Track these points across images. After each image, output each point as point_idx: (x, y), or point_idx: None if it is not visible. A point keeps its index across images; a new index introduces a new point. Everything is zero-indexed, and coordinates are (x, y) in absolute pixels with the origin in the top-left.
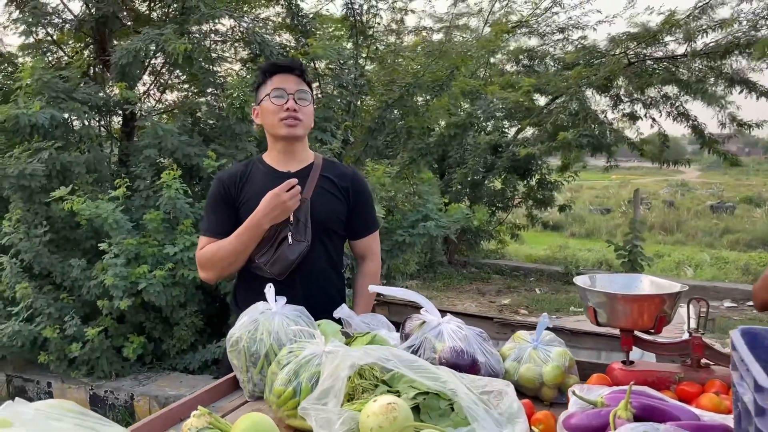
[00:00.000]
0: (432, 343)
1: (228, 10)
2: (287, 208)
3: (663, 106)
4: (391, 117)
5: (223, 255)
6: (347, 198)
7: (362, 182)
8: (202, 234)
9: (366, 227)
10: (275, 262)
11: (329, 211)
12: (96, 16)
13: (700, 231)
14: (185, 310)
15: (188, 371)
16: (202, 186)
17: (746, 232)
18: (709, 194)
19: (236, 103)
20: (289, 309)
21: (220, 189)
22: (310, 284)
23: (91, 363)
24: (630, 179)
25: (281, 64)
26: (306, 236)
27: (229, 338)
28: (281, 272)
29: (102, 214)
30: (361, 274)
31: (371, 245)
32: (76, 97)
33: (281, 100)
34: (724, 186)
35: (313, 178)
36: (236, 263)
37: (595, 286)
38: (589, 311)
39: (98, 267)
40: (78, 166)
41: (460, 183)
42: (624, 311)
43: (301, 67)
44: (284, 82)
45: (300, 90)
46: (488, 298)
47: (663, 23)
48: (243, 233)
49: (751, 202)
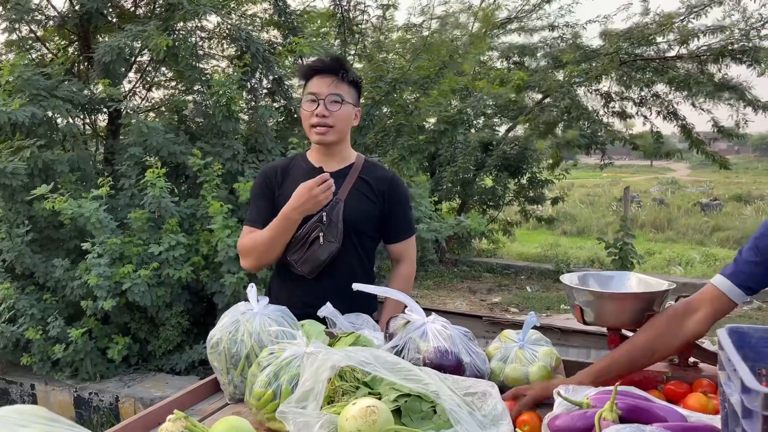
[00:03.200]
0: (416, 344)
1: (213, 6)
2: (318, 202)
3: (653, 104)
4: (380, 114)
5: (259, 245)
6: (382, 201)
7: (400, 186)
8: (245, 224)
9: (401, 231)
10: (305, 261)
11: (362, 214)
12: (80, 12)
13: (690, 229)
14: (171, 310)
15: (174, 372)
16: (188, 184)
17: (736, 230)
18: (699, 192)
19: (222, 100)
20: (272, 309)
21: (263, 181)
22: (339, 284)
23: (75, 365)
24: (621, 177)
25: (315, 67)
26: (337, 237)
27: (210, 339)
28: (311, 271)
29: (85, 213)
30: (394, 277)
31: (406, 249)
32: (58, 94)
33: (312, 105)
34: (714, 184)
35: (351, 179)
36: (271, 253)
37: (582, 285)
38: (575, 310)
39: (81, 267)
40: (61, 164)
41: (451, 181)
42: (610, 310)
43: (337, 67)
44: (318, 85)
45: (332, 94)
46: (479, 296)
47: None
48: (276, 224)
49: (740, 200)
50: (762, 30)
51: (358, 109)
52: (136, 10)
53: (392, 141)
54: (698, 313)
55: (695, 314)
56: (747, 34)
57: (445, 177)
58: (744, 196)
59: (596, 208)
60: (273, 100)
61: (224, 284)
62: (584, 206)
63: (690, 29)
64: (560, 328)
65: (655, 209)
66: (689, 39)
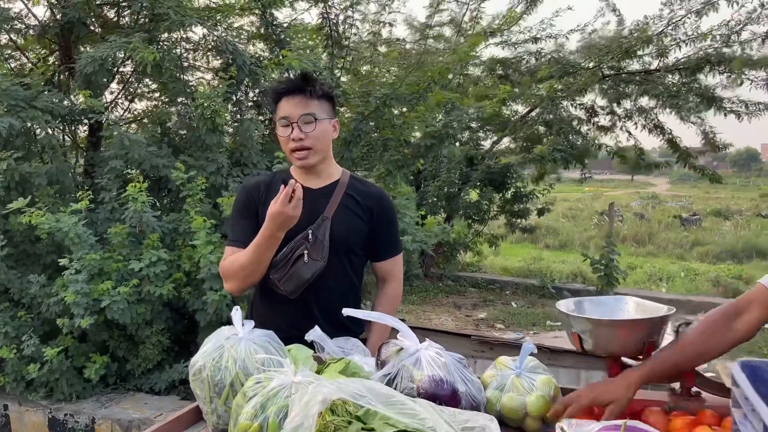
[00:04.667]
0: (410, 372)
1: (200, 17)
2: (292, 216)
3: (638, 118)
4: (367, 129)
5: (241, 265)
6: (370, 218)
7: (388, 203)
8: (227, 244)
9: (388, 250)
10: (289, 280)
11: (349, 231)
12: (61, 21)
13: (670, 243)
14: (151, 328)
15: (154, 392)
16: (170, 198)
17: (715, 245)
18: (678, 207)
19: (207, 113)
20: (257, 334)
21: (244, 198)
22: (324, 304)
23: (50, 384)
24: (603, 191)
25: (281, 90)
26: (322, 256)
27: (192, 366)
28: (294, 290)
29: (63, 227)
30: (381, 297)
31: (393, 268)
32: (37, 105)
33: (287, 130)
34: (693, 198)
35: (337, 196)
36: (255, 274)
37: (579, 311)
38: (573, 338)
39: (58, 283)
40: (39, 177)
41: (436, 195)
42: (610, 338)
43: (303, 84)
44: (289, 107)
45: (304, 114)
46: (464, 311)
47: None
48: (258, 244)
49: (719, 215)
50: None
51: (335, 120)
52: (119, 20)
53: (379, 155)
54: (747, 315)
55: (744, 315)
56: (727, 40)
57: (430, 191)
58: (723, 211)
59: (578, 222)
60: (259, 113)
61: (207, 302)
62: (566, 220)
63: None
64: (550, 348)
65: (636, 223)
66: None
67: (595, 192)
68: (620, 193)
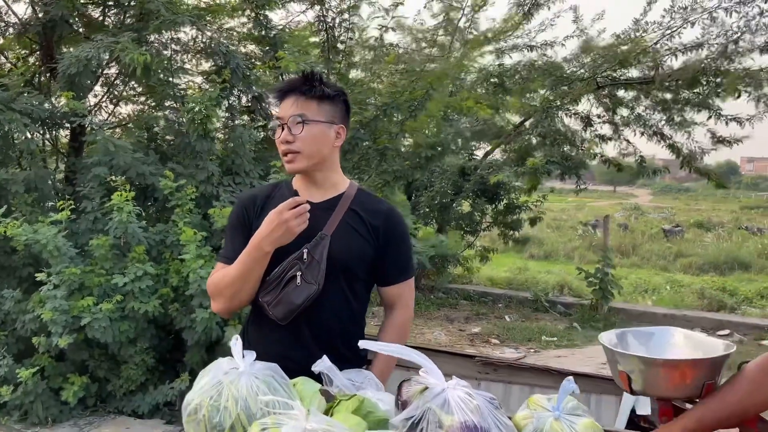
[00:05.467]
0: (437, 416)
1: (193, 16)
2: (290, 229)
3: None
4: (363, 137)
5: (227, 283)
6: (376, 238)
7: (398, 221)
8: (218, 260)
9: (398, 273)
10: (278, 304)
11: (351, 251)
12: (43, 20)
13: (654, 254)
14: (135, 347)
15: (137, 415)
16: (157, 208)
17: (698, 256)
18: (661, 218)
19: (197, 118)
20: (260, 368)
21: (239, 211)
22: (319, 333)
23: (25, 407)
24: (586, 201)
25: (277, 89)
26: (318, 279)
27: (187, 405)
28: (284, 316)
29: (41, 239)
30: (388, 326)
31: (402, 293)
32: (15, 107)
33: (279, 132)
34: (675, 210)
35: (340, 211)
36: (242, 293)
37: (622, 345)
38: (621, 378)
39: (35, 299)
40: (16, 184)
41: (428, 206)
42: (665, 379)
43: (300, 84)
44: (283, 108)
45: (294, 115)
46: (457, 325)
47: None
48: (244, 257)
49: (701, 227)
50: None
51: (339, 126)
52: (104, 19)
53: (375, 166)
54: None
55: None
56: (725, 50)
57: (423, 202)
58: (705, 223)
59: (563, 233)
60: (251, 119)
61: (195, 319)
62: (551, 230)
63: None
64: (557, 371)
65: (620, 234)
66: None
67: (578, 203)
68: (603, 204)
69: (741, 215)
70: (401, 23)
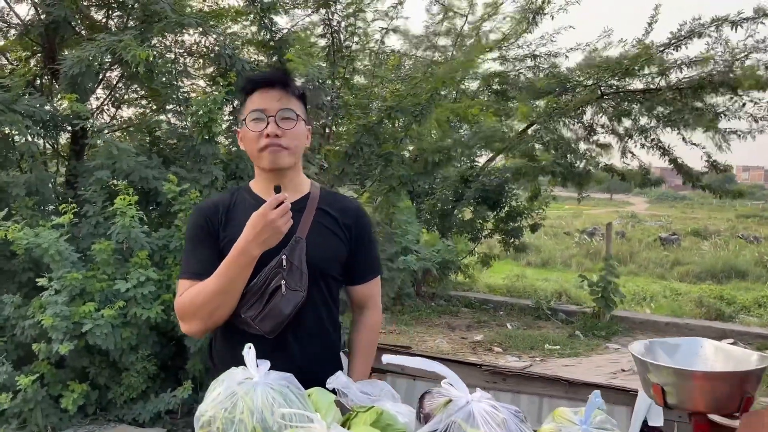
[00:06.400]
0: (462, 429)
1: (199, 18)
2: (277, 228)
3: (638, 137)
4: (369, 142)
5: (205, 299)
6: (349, 237)
7: (367, 219)
8: (181, 277)
9: (368, 271)
10: (266, 317)
11: (328, 253)
12: (45, 21)
13: (651, 262)
14: (136, 354)
15: (138, 423)
16: (159, 212)
17: (695, 264)
18: (657, 226)
19: (202, 121)
20: (275, 377)
21: (201, 222)
22: (305, 343)
23: (24, 416)
24: (582, 209)
25: (259, 79)
26: (302, 284)
27: (199, 417)
28: (273, 329)
29: (42, 243)
30: (361, 327)
31: (373, 292)
32: (17, 109)
33: (260, 125)
34: (672, 218)
35: (310, 212)
36: (222, 309)
37: (652, 356)
38: (654, 390)
39: (35, 304)
40: (17, 187)
41: (429, 213)
42: (701, 392)
43: (285, 78)
44: (264, 100)
45: (284, 109)
46: (459, 333)
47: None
48: (228, 267)
49: (698, 235)
50: (746, 61)
51: (309, 128)
52: (107, 21)
53: (380, 171)
54: None
55: None
56: (731, 66)
57: (425, 208)
58: (701, 231)
59: (559, 240)
60: None
61: None
62: (548, 238)
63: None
64: (567, 380)
65: (617, 242)
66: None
67: (575, 210)
68: (600, 212)
69: (737, 224)
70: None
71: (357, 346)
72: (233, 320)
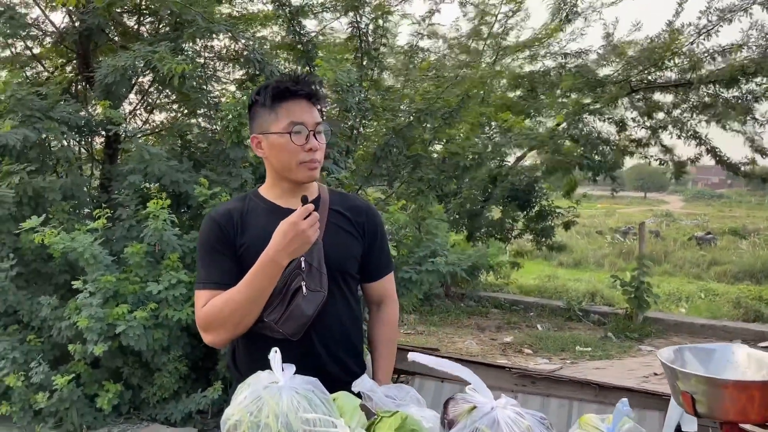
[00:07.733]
0: None
1: (229, 24)
2: (307, 238)
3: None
4: (399, 144)
5: (234, 309)
6: (363, 235)
7: (378, 216)
8: (200, 288)
9: (384, 266)
10: (288, 319)
11: (345, 252)
12: (80, 29)
13: (686, 262)
14: (168, 355)
15: (170, 423)
16: (190, 215)
17: (733, 264)
18: (693, 225)
19: (231, 125)
20: (299, 382)
21: (217, 230)
22: (328, 342)
23: (60, 414)
24: (615, 208)
25: (295, 89)
26: (322, 285)
27: (225, 421)
28: (296, 331)
29: (78, 248)
30: (380, 323)
31: (388, 287)
32: (53, 116)
33: (300, 138)
34: (708, 217)
35: (323, 213)
36: (249, 317)
37: (680, 362)
38: (684, 398)
39: (71, 306)
40: (53, 192)
41: (458, 213)
42: (733, 401)
43: (314, 90)
44: (302, 112)
45: (319, 123)
46: (488, 334)
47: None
48: (257, 276)
49: (736, 234)
50: None
51: None
52: (139, 29)
53: (409, 172)
54: None
55: None
56: (765, 51)
57: (452, 208)
58: (740, 230)
59: (592, 240)
60: None
61: None
62: (580, 237)
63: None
64: (598, 384)
65: (651, 242)
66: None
67: (608, 209)
68: (634, 211)
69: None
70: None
71: (379, 343)
72: (254, 327)
